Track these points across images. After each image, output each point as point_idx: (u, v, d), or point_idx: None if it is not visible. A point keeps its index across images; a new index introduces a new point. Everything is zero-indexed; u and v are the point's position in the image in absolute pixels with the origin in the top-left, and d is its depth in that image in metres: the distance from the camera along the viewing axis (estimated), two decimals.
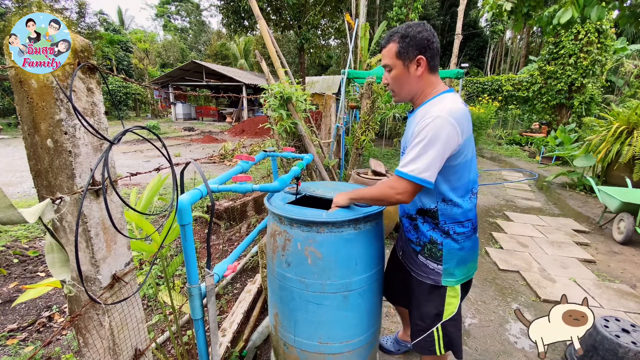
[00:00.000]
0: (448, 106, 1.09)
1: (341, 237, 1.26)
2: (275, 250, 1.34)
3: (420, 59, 1.13)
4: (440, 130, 1.05)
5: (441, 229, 1.23)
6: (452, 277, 1.25)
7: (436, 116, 1.06)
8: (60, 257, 0.74)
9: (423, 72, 1.16)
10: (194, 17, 40.59)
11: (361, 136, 4.16)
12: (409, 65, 1.15)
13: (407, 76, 1.17)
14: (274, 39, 3.08)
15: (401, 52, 1.14)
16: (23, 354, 1.86)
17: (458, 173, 1.16)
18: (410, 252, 1.35)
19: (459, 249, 1.23)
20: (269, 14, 12.05)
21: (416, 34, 1.12)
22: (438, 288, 1.27)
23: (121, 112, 18.57)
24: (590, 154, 5.59)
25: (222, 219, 3.56)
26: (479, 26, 25.61)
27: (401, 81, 1.19)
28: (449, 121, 1.06)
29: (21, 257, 2.94)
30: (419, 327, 1.35)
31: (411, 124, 1.21)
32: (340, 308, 1.32)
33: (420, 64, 1.14)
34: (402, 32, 1.13)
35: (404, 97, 1.23)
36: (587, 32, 9.64)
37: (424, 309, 1.32)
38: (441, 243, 1.23)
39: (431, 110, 1.10)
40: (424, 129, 1.07)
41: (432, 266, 1.26)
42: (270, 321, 1.55)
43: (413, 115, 1.23)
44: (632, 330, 1.75)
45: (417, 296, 1.35)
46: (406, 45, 1.13)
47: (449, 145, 1.07)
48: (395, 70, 1.18)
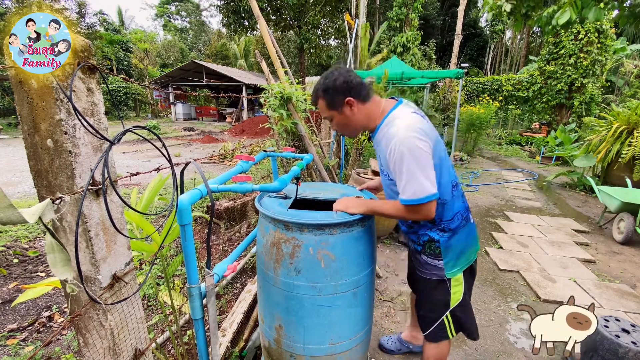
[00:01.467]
0: (404, 123, 1.16)
1: (352, 235, 1.28)
2: (280, 259, 1.27)
3: (348, 100, 1.21)
4: (410, 148, 1.10)
5: (438, 227, 1.30)
6: (454, 268, 1.33)
7: (400, 138, 1.12)
8: (62, 257, 0.74)
9: (357, 108, 1.24)
10: (194, 17, 40.58)
11: (361, 136, 4.16)
12: (343, 110, 1.24)
13: (347, 118, 1.26)
14: (274, 39, 3.08)
15: (329, 104, 1.24)
16: (23, 354, 1.86)
17: (438, 172, 1.21)
18: (414, 252, 1.43)
19: (455, 243, 1.31)
20: (269, 14, 12.05)
21: (333, 83, 1.20)
22: (442, 281, 1.35)
23: (121, 112, 18.57)
24: (590, 154, 5.59)
25: (222, 219, 3.56)
26: (479, 26, 25.61)
27: (345, 124, 1.28)
28: (412, 136, 1.12)
29: (21, 257, 2.94)
30: (428, 318, 1.42)
31: (379, 147, 1.28)
32: (351, 305, 1.33)
33: (352, 104, 1.23)
34: (322, 87, 1.23)
35: (356, 133, 1.34)
36: (587, 32, 9.64)
37: (432, 302, 1.39)
38: (438, 240, 1.30)
39: (390, 133, 1.16)
40: (397, 155, 1.12)
41: (434, 263, 1.33)
42: (268, 336, 1.44)
43: (375, 140, 1.30)
44: (632, 330, 1.75)
45: (424, 291, 1.43)
46: (330, 97, 1.22)
47: (426, 155, 1.13)
48: (335, 119, 1.28)
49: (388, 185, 1.35)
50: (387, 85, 4.46)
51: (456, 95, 8.77)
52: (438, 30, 26.21)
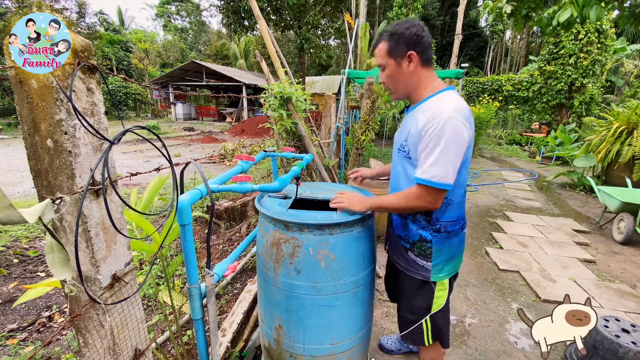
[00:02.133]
0: (455, 105, 1.09)
1: (352, 235, 1.28)
2: (280, 259, 1.27)
3: (411, 54, 1.14)
4: (453, 131, 1.05)
5: (432, 227, 1.24)
6: (442, 272, 1.28)
7: (448, 117, 1.06)
8: (61, 257, 0.74)
9: (416, 67, 1.17)
10: (194, 17, 40.57)
11: (361, 136, 4.16)
12: (400, 62, 1.17)
13: (401, 73, 1.18)
14: (274, 39, 3.08)
15: (391, 50, 1.16)
16: (23, 354, 1.86)
17: (459, 170, 1.15)
18: (400, 249, 1.36)
19: (448, 246, 1.26)
20: (269, 14, 12.04)
21: (404, 31, 1.13)
22: (427, 283, 1.30)
23: (121, 112, 18.56)
24: (590, 154, 5.59)
25: (222, 219, 3.56)
26: (479, 26, 25.60)
27: (396, 78, 1.20)
28: (460, 121, 1.07)
29: (21, 257, 2.94)
30: (407, 319, 1.38)
31: (412, 120, 1.20)
32: (351, 305, 1.33)
33: (412, 60, 1.15)
34: (390, 30, 1.15)
35: (401, 93, 1.24)
36: (587, 32, 9.64)
37: (413, 303, 1.35)
38: (430, 241, 1.25)
39: (438, 109, 1.09)
40: (438, 131, 1.06)
41: (422, 263, 1.28)
42: (268, 336, 1.44)
43: (413, 111, 1.22)
44: (632, 330, 1.75)
45: (406, 290, 1.38)
46: (395, 43, 1.14)
47: (463, 146, 1.09)
48: (388, 69, 1.19)
49: (401, 162, 1.27)
50: None
51: None
52: (438, 30, 26.19)
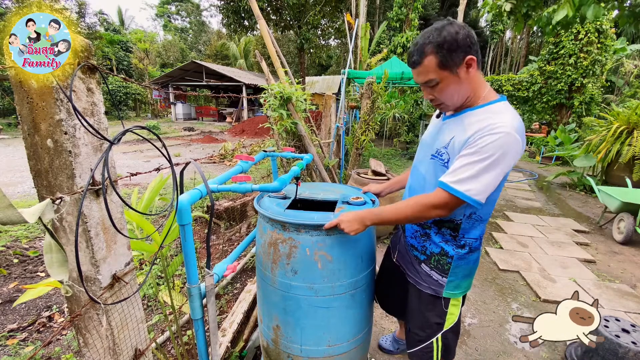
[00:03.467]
0: (512, 120, 0.98)
1: (349, 237, 1.26)
2: (278, 259, 1.27)
3: (470, 59, 1.00)
4: (508, 148, 0.96)
5: (457, 242, 1.17)
6: (458, 289, 1.22)
7: (505, 132, 0.96)
8: (59, 257, 0.74)
9: (474, 72, 1.04)
10: (194, 17, 40.58)
11: (361, 136, 4.16)
12: (458, 72, 1.02)
13: (459, 83, 1.03)
14: (274, 39, 3.08)
15: (444, 61, 1.00)
16: (23, 354, 1.86)
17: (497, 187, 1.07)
18: (412, 259, 1.30)
19: (466, 263, 1.19)
20: (269, 14, 12.04)
21: (455, 36, 0.97)
22: (439, 299, 1.24)
23: (121, 112, 18.56)
24: (590, 154, 5.59)
25: (222, 219, 3.56)
26: (479, 26, 25.60)
27: (453, 91, 1.05)
28: (516, 139, 0.97)
29: (21, 257, 2.94)
30: (417, 336, 1.30)
31: (458, 127, 1.08)
32: (349, 307, 1.32)
33: (472, 65, 1.02)
34: (436, 40, 0.98)
35: (457, 104, 1.09)
36: (587, 32, 9.63)
37: (424, 319, 1.28)
38: (452, 257, 1.17)
39: (496, 121, 0.98)
40: (491, 144, 0.96)
41: (436, 277, 1.22)
42: (266, 336, 1.44)
43: (459, 117, 1.10)
44: (632, 330, 1.75)
45: (416, 305, 1.31)
46: (448, 52, 0.99)
47: (511, 164, 1.00)
48: (443, 83, 1.03)
49: (434, 169, 1.16)
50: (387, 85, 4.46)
51: None
52: None
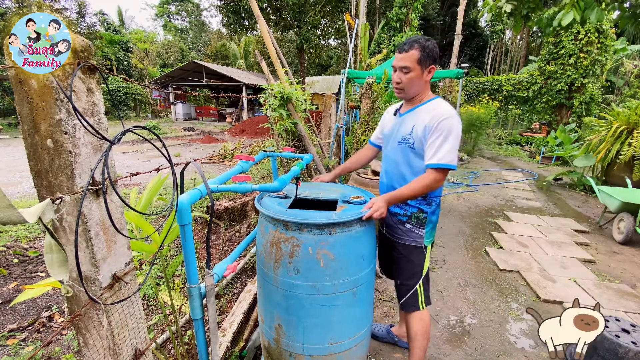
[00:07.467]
0: (452, 109, 1.41)
1: (351, 235, 1.28)
2: (280, 259, 1.27)
3: (432, 68, 1.42)
4: (457, 126, 1.38)
5: (427, 201, 1.52)
6: (429, 237, 1.57)
7: (450, 115, 1.37)
8: (59, 257, 0.74)
9: (429, 78, 1.45)
10: (194, 17, 40.56)
11: (361, 136, 4.16)
12: (423, 71, 1.42)
13: (420, 79, 1.44)
14: (274, 39, 3.08)
15: (422, 59, 1.39)
16: (23, 354, 1.86)
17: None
18: (396, 223, 1.59)
19: (436, 215, 1.57)
20: (269, 14, 12.05)
21: (433, 48, 1.40)
22: (420, 247, 1.56)
23: (121, 112, 18.56)
24: (590, 154, 5.59)
25: (222, 219, 3.56)
26: (479, 26, 25.60)
27: (414, 83, 1.44)
28: (458, 119, 1.40)
29: (21, 257, 2.94)
30: (406, 286, 1.60)
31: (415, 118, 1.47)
32: (350, 305, 1.33)
33: (431, 72, 1.43)
34: (422, 43, 1.38)
35: (411, 95, 1.49)
36: (587, 32, 9.64)
37: (411, 268, 1.58)
38: (426, 212, 1.52)
39: (442, 110, 1.39)
40: (445, 127, 1.36)
41: (417, 231, 1.54)
42: (267, 335, 1.44)
43: (415, 111, 1.50)
44: (632, 330, 1.74)
45: (403, 259, 1.60)
46: (426, 55, 1.38)
47: (460, 137, 1.40)
48: (413, 73, 1.41)
49: (403, 152, 1.50)
50: (387, 85, 4.46)
51: (456, 95, 8.75)
52: (438, 30, 26.19)
